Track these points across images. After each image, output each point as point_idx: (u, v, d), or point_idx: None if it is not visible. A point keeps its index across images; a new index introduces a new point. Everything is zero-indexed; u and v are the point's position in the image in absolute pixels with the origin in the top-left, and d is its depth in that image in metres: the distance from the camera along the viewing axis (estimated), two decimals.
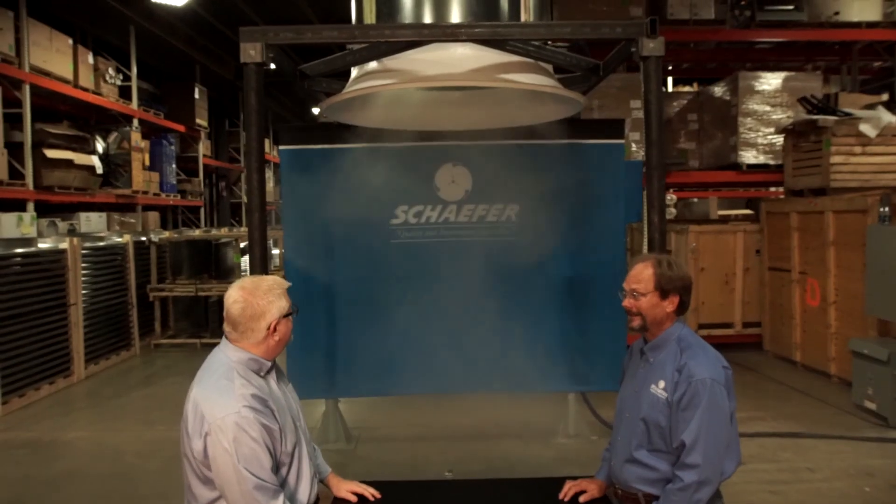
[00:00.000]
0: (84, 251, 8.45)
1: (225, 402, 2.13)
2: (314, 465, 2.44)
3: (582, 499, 2.55)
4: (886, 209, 6.78)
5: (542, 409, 6.65)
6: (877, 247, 6.64)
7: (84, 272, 8.40)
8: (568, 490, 2.59)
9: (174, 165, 14.29)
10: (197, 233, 11.93)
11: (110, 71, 11.82)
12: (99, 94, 11.26)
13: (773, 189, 11.45)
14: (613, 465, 2.45)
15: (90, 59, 11.18)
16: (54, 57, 10.07)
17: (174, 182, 14.18)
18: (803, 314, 8.27)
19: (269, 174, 20.62)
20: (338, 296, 4.83)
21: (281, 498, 2.14)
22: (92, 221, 10.65)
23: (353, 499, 2.62)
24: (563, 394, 6.05)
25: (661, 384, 2.28)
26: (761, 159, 9.27)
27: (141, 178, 12.18)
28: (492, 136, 4.90)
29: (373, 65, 4.07)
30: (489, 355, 4.74)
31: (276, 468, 2.19)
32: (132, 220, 12.27)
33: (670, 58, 11.08)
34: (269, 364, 2.31)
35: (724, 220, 11.07)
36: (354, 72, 4.26)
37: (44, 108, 10.53)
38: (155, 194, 12.98)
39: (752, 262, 9.18)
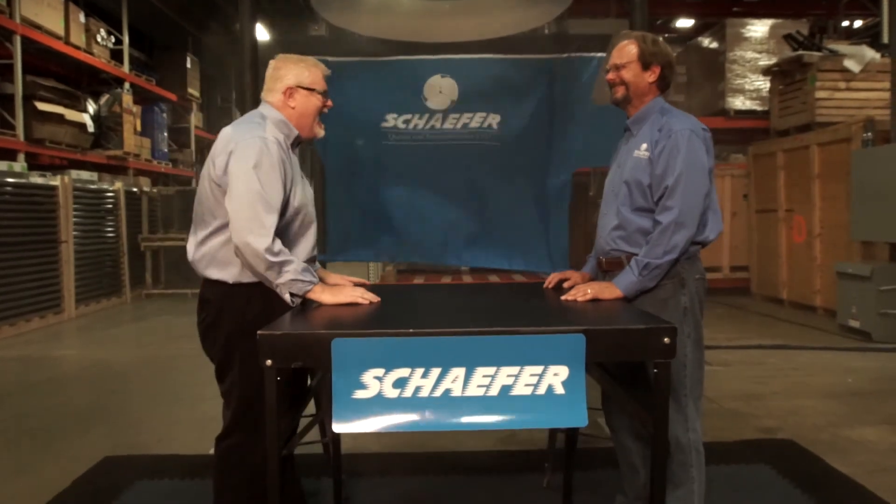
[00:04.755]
0: (76, 192, 8.47)
1: (255, 130, 2.23)
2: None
3: (566, 285, 2.59)
4: (870, 134, 6.89)
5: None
6: (861, 171, 6.74)
7: (75, 213, 8.42)
8: (552, 279, 2.64)
9: (165, 134, 14.28)
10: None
11: (102, 32, 11.82)
12: (90, 53, 11.26)
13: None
14: (599, 242, 2.50)
15: (81, 17, 11.16)
16: (45, 11, 10.07)
17: (166, 150, 14.17)
18: (789, 251, 8.36)
19: None
20: (346, 184, 5.16)
21: (274, 221, 2.14)
22: (83, 179, 10.65)
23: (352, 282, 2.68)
24: None
25: (644, 146, 2.34)
26: (748, 105, 9.38)
27: (132, 140, 12.16)
28: (479, 49, 5.13)
29: None
30: (461, 236, 5.08)
31: (282, 220, 2.25)
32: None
33: (658, 11, 11.19)
34: (296, 136, 2.39)
35: None
36: None
37: (34, 67, 10.52)
38: (146, 160, 12.96)
39: (739, 206, 9.29)
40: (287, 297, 2.17)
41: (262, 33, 14.57)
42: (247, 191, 2.13)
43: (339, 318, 2.01)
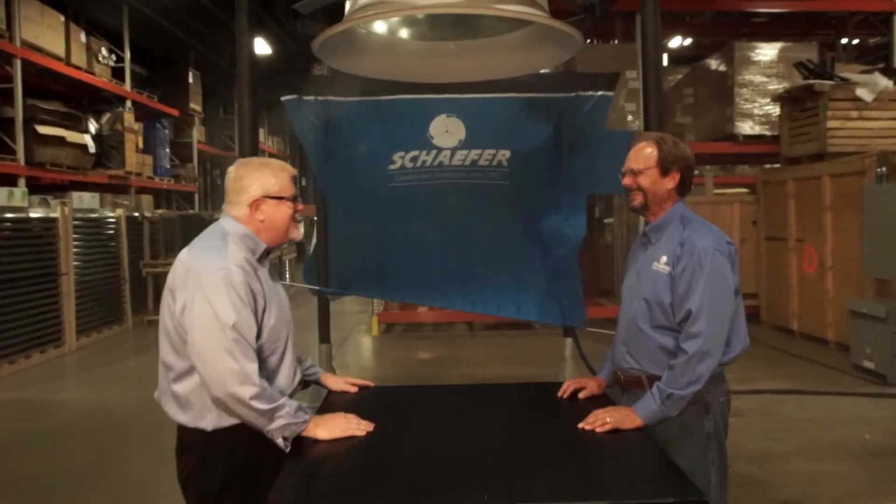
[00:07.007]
0: (76, 222, 8.37)
1: (215, 259, 2.01)
2: (299, 368, 2.36)
3: (581, 395, 2.48)
4: (884, 169, 6.76)
5: (539, 367, 6.64)
6: (874, 206, 6.61)
7: (76, 243, 8.32)
8: (567, 387, 2.52)
9: (168, 150, 14.16)
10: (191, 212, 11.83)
11: (103, 51, 11.70)
12: (91, 73, 11.14)
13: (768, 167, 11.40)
14: (616, 354, 2.39)
15: (82, 37, 11.05)
16: (46, 33, 9.95)
17: (168, 166, 14.04)
18: (800, 281, 8.23)
19: None
20: (350, 224, 5.05)
21: (255, 364, 1.94)
22: (84, 201, 10.49)
23: (352, 389, 2.56)
24: (559, 349, 6.02)
25: (664, 259, 2.22)
26: (757, 130, 9.24)
27: (134, 159, 12.05)
28: (486, 88, 5.04)
29: None
30: (468, 282, 4.98)
31: (258, 345, 2.05)
32: (126, 203, 12.14)
33: (666, 30, 11.06)
34: (265, 248, 2.18)
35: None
36: (348, 5, 4.22)
37: (35, 88, 10.40)
38: (148, 177, 12.84)
39: (748, 233, 9.15)
40: (280, 441, 1.99)
41: (263, 46, 14.46)
42: (216, 343, 1.92)
43: (340, 468, 1.90)
